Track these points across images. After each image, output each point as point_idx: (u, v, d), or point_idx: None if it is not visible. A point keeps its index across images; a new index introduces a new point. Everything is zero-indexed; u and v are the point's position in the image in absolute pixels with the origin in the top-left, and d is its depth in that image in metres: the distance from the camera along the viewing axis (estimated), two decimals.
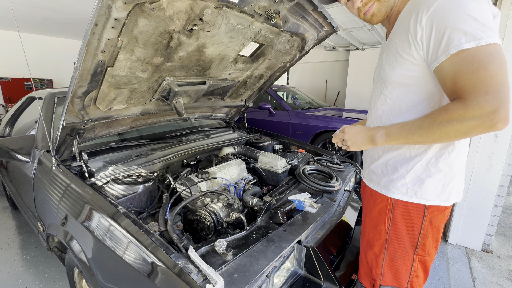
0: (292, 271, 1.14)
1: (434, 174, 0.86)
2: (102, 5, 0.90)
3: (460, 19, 0.67)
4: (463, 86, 0.67)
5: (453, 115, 0.68)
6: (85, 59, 1.05)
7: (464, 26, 0.67)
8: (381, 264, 0.97)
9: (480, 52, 0.66)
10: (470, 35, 0.66)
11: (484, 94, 0.64)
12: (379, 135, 0.85)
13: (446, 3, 0.69)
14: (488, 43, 0.65)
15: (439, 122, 0.71)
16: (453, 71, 0.69)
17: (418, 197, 0.88)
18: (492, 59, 0.65)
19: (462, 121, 0.67)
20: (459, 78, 0.68)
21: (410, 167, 0.88)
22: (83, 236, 1.14)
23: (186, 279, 0.79)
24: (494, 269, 2.14)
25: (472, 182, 2.30)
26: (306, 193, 1.47)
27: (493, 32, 0.66)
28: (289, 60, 2.00)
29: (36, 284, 1.95)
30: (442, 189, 0.86)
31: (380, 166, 0.97)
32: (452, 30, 0.68)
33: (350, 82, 6.84)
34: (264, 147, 2.19)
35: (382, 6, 0.88)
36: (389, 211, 0.93)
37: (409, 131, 0.78)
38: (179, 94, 1.58)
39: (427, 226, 0.89)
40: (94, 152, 1.66)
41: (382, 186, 0.95)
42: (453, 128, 0.69)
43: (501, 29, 2.00)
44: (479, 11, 0.67)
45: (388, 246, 0.95)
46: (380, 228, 0.97)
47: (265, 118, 4.60)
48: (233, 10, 1.23)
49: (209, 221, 1.21)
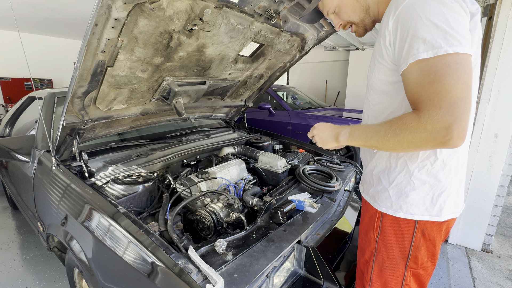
0: (292, 271, 1.14)
1: (418, 187, 0.80)
2: (102, 5, 0.90)
3: (420, 25, 0.63)
4: (419, 98, 0.64)
5: (407, 126, 0.65)
6: (85, 59, 1.05)
7: (424, 33, 0.62)
8: (370, 272, 0.94)
9: (437, 62, 0.61)
10: (429, 44, 0.62)
11: (438, 108, 0.60)
12: (342, 134, 0.82)
13: (409, 7, 0.65)
14: (447, 53, 0.60)
15: (394, 131, 0.68)
16: (412, 81, 0.66)
17: (404, 211, 0.82)
18: (449, 72, 0.60)
19: (414, 133, 0.63)
20: (416, 89, 0.65)
21: (392, 178, 0.84)
22: (83, 236, 1.14)
23: (186, 279, 0.79)
24: (494, 269, 2.14)
25: (472, 182, 2.30)
26: (306, 193, 1.47)
27: (456, 40, 0.60)
28: (289, 60, 2.00)
29: (36, 284, 1.95)
30: (432, 203, 0.80)
31: (368, 174, 0.94)
32: (412, 38, 0.64)
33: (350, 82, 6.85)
34: (264, 147, 2.19)
35: (359, 28, 0.92)
36: (378, 219, 0.89)
37: (367, 134, 0.75)
38: (179, 94, 1.58)
39: (419, 238, 0.83)
40: (94, 152, 1.66)
41: (370, 197, 0.93)
42: (406, 139, 0.65)
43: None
44: (442, 16, 0.61)
45: (377, 255, 0.91)
46: (370, 236, 0.93)
47: (265, 118, 4.60)
48: (233, 10, 1.23)
49: (209, 221, 1.21)
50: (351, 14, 0.89)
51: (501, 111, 2.10)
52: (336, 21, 0.94)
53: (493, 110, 2.12)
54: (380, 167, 0.87)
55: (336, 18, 0.94)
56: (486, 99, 2.12)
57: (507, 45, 2.00)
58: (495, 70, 2.06)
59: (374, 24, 0.91)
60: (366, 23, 0.90)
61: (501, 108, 2.10)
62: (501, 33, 2.01)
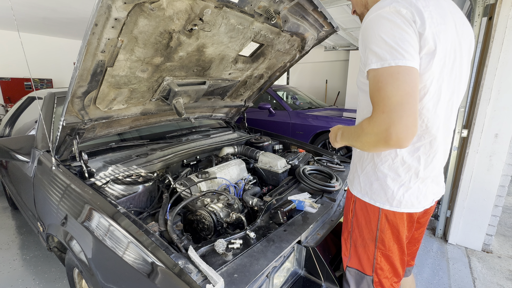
0: (292, 271, 1.14)
1: (381, 178, 0.90)
2: (102, 5, 0.90)
3: (373, 40, 0.72)
4: (372, 103, 0.73)
5: (363, 129, 0.75)
6: (85, 59, 1.05)
7: (375, 47, 0.72)
8: (349, 247, 1.06)
9: (383, 73, 0.70)
10: (378, 56, 0.71)
11: (381, 113, 0.69)
12: (338, 134, 0.94)
13: (368, 23, 0.75)
14: (390, 65, 0.69)
15: (357, 133, 0.79)
16: (369, 87, 0.75)
17: (369, 197, 0.94)
18: (391, 81, 0.68)
19: (367, 135, 0.74)
20: (371, 95, 0.74)
21: (363, 167, 0.96)
22: (83, 236, 1.14)
23: (186, 279, 0.79)
24: (494, 269, 2.14)
25: (472, 182, 2.30)
26: (306, 193, 1.47)
27: (400, 54, 0.69)
28: (289, 60, 2.00)
29: (36, 284, 1.95)
30: (392, 195, 0.90)
31: (352, 162, 1.07)
32: (369, 50, 0.74)
33: (350, 82, 6.85)
34: (264, 147, 2.18)
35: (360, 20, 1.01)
36: (352, 203, 1.02)
37: (350, 135, 0.86)
38: (179, 94, 1.58)
39: (384, 222, 0.93)
40: (94, 152, 1.66)
41: (349, 181, 1.06)
42: (364, 140, 0.76)
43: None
44: (390, 33, 0.70)
45: (352, 234, 1.04)
46: (348, 217, 1.06)
47: (265, 118, 4.60)
48: (233, 10, 1.22)
49: (209, 221, 1.21)
50: (356, 5, 1.01)
51: (501, 111, 2.10)
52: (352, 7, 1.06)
53: (493, 110, 2.12)
54: (357, 157, 1.01)
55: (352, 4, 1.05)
56: (486, 99, 2.12)
57: (507, 45, 2.00)
58: (495, 70, 2.06)
59: None
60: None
61: (501, 108, 2.09)
62: (501, 33, 2.01)
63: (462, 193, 2.35)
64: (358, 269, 1.03)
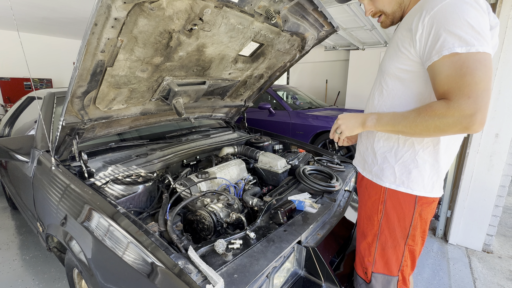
0: (292, 271, 1.14)
1: (421, 165, 0.90)
2: (101, 5, 0.89)
3: (458, 24, 0.71)
4: (449, 88, 0.72)
5: (436, 112, 0.74)
6: (84, 59, 1.05)
7: (460, 31, 0.70)
8: (374, 253, 1.03)
9: (469, 58, 0.70)
10: (464, 41, 0.70)
11: (467, 98, 0.69)
12: (370, 119, 0.91)
13: (449, 7, 0.73)
14: (478, 51, 0.69)
15: (423, 117, 0.76)
16: (443, 72, 0.74)
17: (405, 186, 0.93)
18: (479, 66, 0.69)
19: (443, 118, 0.72)
20: (447, 80, 0.73)
21: (398, 157, 0.94)
22: (83, 236, 1.14)
23: (186, 280, 0.79)
24: (494, 270, 2.14)
25: (473, 182, 2.29)
26: (306, 193, 1.47)
27: (485, 41, 0.69)
28: (289, 60, 1.99)
29: (35, 285, 1.94)
30: (428, 181, 0.91)
31: (370, 155, 1.03)
32: (448, 33, 0.72)
33: (350, 82, 6.83)
34: (264, 147, 2.18)
35: (387, 19, 0.99)
36: (381, 203, 0.99)
37: (395, 120, 0.84)
38: (179, 94, 1.58)
39: (417, 218, 0.94)
40: (94, 152, 1.65)
41: (373, 175, 1.02)
42: (433, 124, 0.74)
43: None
44: (476, 19, 0.70)
45: (380, 236, 1.01)
46: (373, 219, 1.03)
47: (265, 118, 4.60)
48: (233, 10, 1.22)
49: (209, 221, 1.21)
50: (386, 4, 0.95)
51: (502, 111, 2.10)
52: (368, 7, 1.00)
53: (493, 110, 2.12)
54: (387, 147, 0.97)
55: (369, 4, 0.99)
56: None
57: (508, 45, 2.00)
58: (496, 70, 2.06)
59: (401, 19, 0.96)
60: (395, 16, 0.97)
61: (502, 108, 2.09)
62: (501, 33, 2.00)
63: (462, 193, 2.35)
64: (384, 273, 1.01)
